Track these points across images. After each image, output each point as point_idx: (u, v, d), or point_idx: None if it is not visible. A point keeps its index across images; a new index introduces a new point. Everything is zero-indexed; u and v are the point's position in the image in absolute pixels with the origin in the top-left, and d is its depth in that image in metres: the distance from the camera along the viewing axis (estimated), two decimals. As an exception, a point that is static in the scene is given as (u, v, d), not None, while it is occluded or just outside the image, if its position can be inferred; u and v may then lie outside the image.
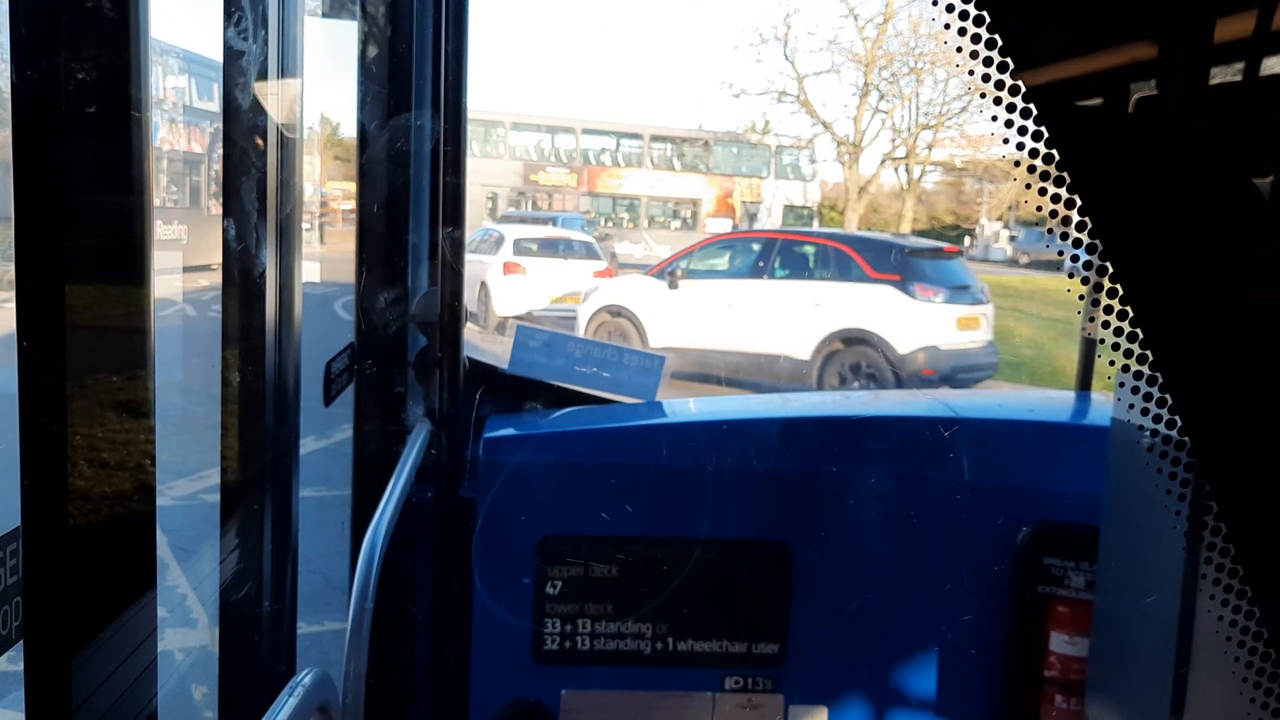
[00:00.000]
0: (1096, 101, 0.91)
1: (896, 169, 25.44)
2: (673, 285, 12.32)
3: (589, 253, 17.09)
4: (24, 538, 0.83)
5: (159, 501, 1.03)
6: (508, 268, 15.53)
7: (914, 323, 10.91)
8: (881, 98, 24.82)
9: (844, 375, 11.21)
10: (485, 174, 30.55)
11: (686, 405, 2.35)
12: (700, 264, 12.87)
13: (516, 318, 14.38)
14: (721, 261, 12.94)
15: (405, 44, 2.04)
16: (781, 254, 12.36)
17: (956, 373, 10.98)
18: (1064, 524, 2.02)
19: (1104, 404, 2.26)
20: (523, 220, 22.41)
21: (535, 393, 2.32)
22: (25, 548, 0.83)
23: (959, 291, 11.36)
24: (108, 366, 0.90)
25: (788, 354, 11.29)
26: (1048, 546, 2.03)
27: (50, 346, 0.83)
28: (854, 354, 11.10)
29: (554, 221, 23.81)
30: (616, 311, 12.64)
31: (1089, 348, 2.38)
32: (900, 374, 10.83)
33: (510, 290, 15.10)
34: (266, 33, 1.45)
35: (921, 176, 25.44)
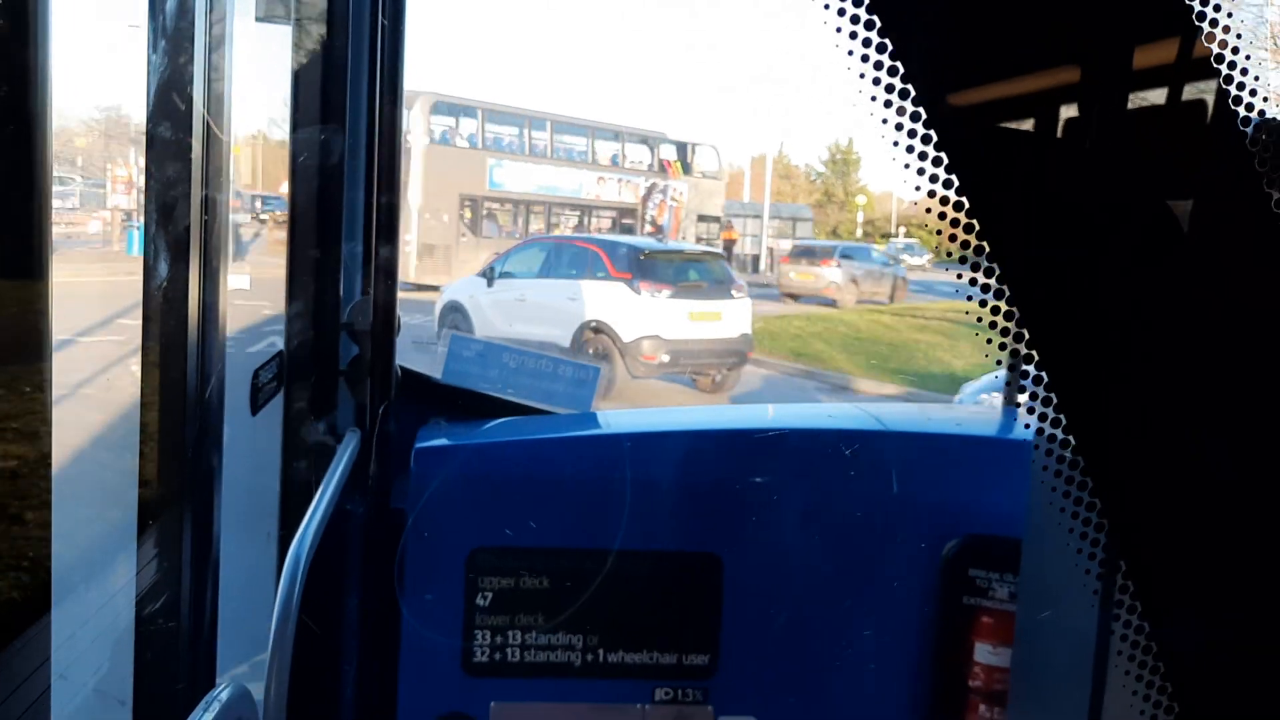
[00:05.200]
0: (1004, 126, 0.92)
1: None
2: (490, 283, 14.41)
3: None
4: None
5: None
6: None
7: (640, 315, 12.90)
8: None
9: (591, 359, 12.95)
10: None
11: (619, 417, 2.35)
12: (513, 265, 14.78)
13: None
14: (526, 262, 14.81)
15: (340, 51, 2.02)
16: (561, 255, 14.62)
17: (681, 358, 13.09)
18: (990, 537, 2.05)
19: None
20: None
21: (468, 403, 2.30)
22: None
23: (693, 289, 13.38)
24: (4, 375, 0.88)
25: (555, 341, 13.02)
26: (974, 559, 2.06)
27: None
28: (599, 341, 13.13)
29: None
30: (454, 307, 14.71)
31: (1016, 363, 2.41)
32: (626, 358, 12.79)
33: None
34: (193, 41, 1.43)
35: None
